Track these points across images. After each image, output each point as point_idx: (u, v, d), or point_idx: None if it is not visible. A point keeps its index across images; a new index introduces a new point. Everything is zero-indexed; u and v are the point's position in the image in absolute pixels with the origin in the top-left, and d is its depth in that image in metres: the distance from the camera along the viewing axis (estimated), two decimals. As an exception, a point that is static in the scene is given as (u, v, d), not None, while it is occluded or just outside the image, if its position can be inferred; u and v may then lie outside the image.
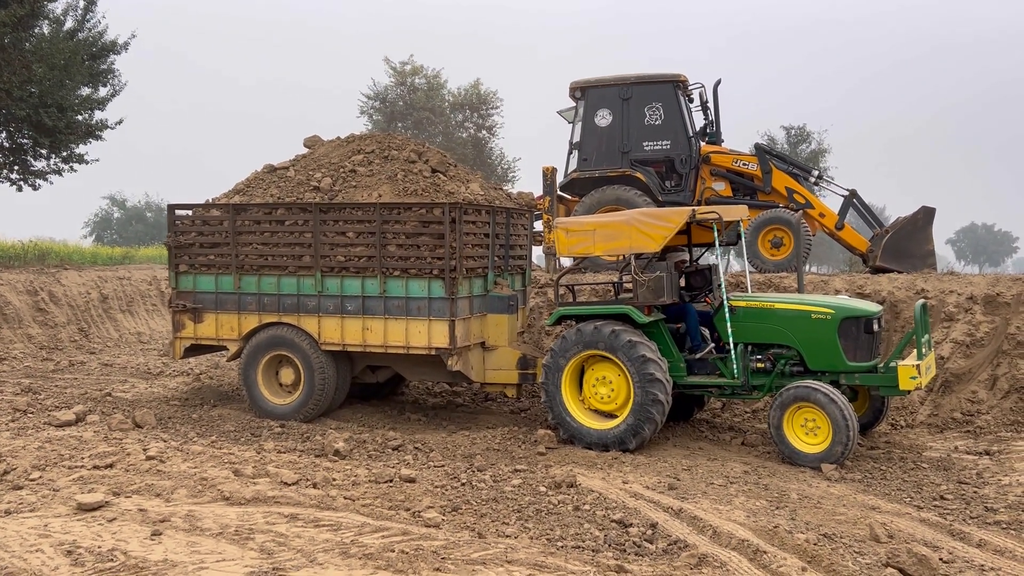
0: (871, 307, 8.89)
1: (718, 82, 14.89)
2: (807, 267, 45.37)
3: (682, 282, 9.84)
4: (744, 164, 14.37)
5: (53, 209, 58.85)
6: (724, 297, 8.93)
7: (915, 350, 8.55)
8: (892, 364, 8.42)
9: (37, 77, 19.13)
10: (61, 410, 9.98)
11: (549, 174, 15.37)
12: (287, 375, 10.23)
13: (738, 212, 9.70)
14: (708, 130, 15.08)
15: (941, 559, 5.71)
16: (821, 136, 41.77)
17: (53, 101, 19.89)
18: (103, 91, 22.61)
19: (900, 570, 5.36)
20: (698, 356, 9.14)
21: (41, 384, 12.11)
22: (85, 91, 22.13)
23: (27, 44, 19.44)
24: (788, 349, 8.82)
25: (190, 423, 9.74)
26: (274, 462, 7.81)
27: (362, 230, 9.74)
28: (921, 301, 8.82)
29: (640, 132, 14.60)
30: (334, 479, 7.32)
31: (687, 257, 9.98)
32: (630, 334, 8.84)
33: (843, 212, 13.98)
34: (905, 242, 13.34)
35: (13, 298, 16.19)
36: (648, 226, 8.89)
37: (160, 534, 5.79)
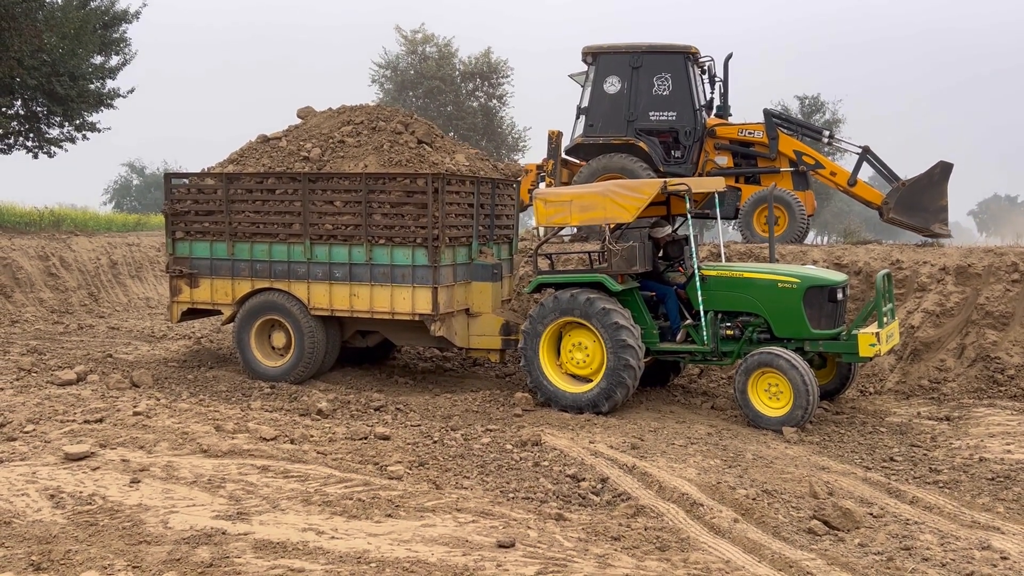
0: (836, 276, 9.15)
1: (729, 56, 14.91)
2: (816, 238, 44.94)
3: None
4: (750, 133, 14.38)
5: (82, 176, 59.53)
6: (696, 267, 9.23)
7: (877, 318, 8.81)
8: (853, 332, 8.70)
9: (48, 46, 19.52)
10: (63, 370, 10.45)
11: (554, 138, 15.50)
12: (279, 338, 10.64)
13: (712, 184, 9.95)
14: (716, 104, 15.15)
15: (871, 514, 6.04)
16: (836, 106, 41.61)
17: (65, 70, 20.28)
18: (115, 60, 23.10)
19: (825, 522, 5.70)
20: (676, 339, 9.42)
21: (48, 346, 12.62)
22: (98, 60, 22.58)
23: (39, 13, 19.81)
24: (756, 317, 9.11)
25: (185, 383, 10.18)
26: (256, 419, 8.23)
27: (349, 199, 10.08)
28: (884, 271, 9.07)
29: (647, 101, 14.60)
30: (311, 436, 7.72)
31: (669, 229, 10.25)
32: (604, 301, 9.16)
33: (856, 168, 13.98)
34: (919, 196, 13.25)
35: (25, 263, 16.70)
36: (622, 197, 9.18)
37: (138, 482, 6.23)
